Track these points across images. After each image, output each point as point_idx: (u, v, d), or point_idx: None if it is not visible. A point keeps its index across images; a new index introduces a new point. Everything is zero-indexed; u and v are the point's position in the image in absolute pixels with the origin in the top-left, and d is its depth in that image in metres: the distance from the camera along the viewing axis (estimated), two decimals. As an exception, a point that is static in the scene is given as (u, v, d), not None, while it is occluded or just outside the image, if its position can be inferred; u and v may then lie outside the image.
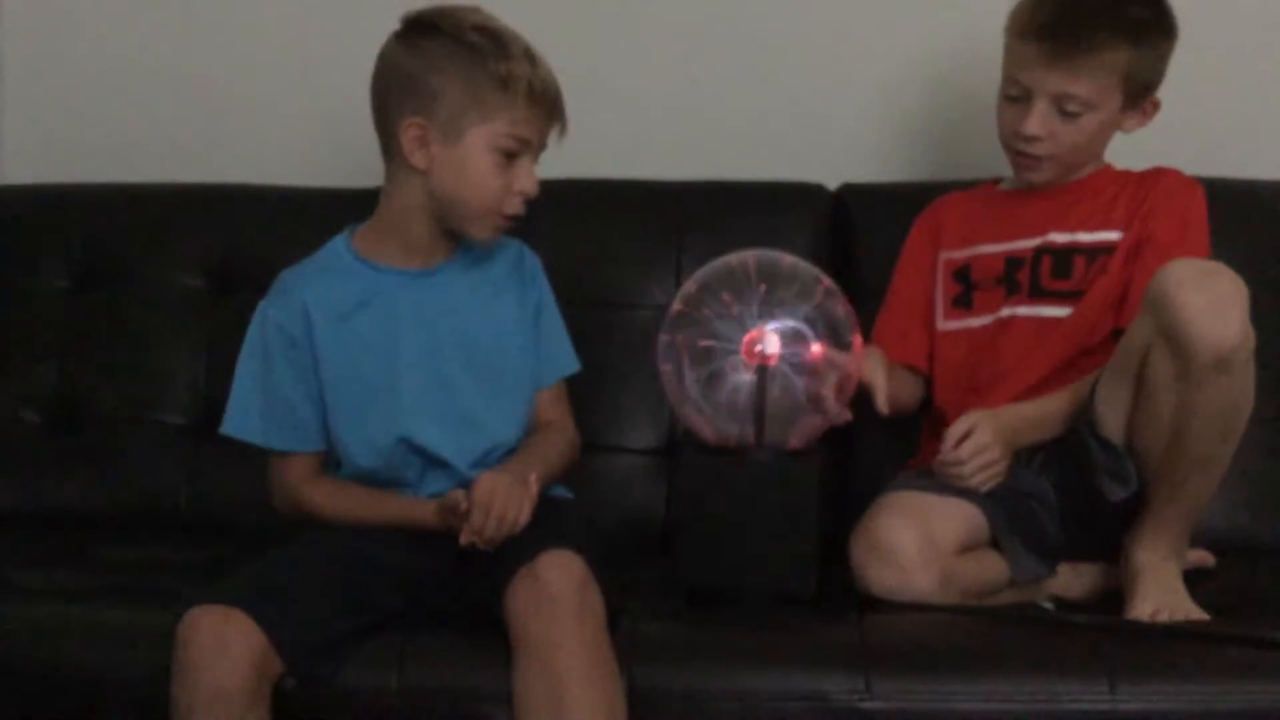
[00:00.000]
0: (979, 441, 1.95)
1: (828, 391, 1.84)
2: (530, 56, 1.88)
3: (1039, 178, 2.11)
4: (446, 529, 1.80)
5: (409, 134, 1.86)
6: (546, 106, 1.89)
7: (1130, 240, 2.06)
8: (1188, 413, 1.81)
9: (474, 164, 1.87)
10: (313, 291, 1.89)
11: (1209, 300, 1.76)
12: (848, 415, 1.89)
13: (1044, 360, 2.04)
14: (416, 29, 1.90)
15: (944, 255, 2.16)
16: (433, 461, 1.89)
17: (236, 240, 2.36)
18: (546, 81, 1.89)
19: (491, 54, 1.85)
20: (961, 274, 2.14)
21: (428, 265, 1.92)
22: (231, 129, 2.55)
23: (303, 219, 2.34)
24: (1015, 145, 2.09)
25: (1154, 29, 2.06)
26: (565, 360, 2.02)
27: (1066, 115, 2.04)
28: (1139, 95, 2.07)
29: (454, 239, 1.93)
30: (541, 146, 1.91)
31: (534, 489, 1.78)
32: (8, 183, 2.54)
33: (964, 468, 1.94)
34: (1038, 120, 2.04)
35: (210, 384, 2.30)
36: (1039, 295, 2.08)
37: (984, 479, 1.95)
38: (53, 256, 2.37)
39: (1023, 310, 2.08)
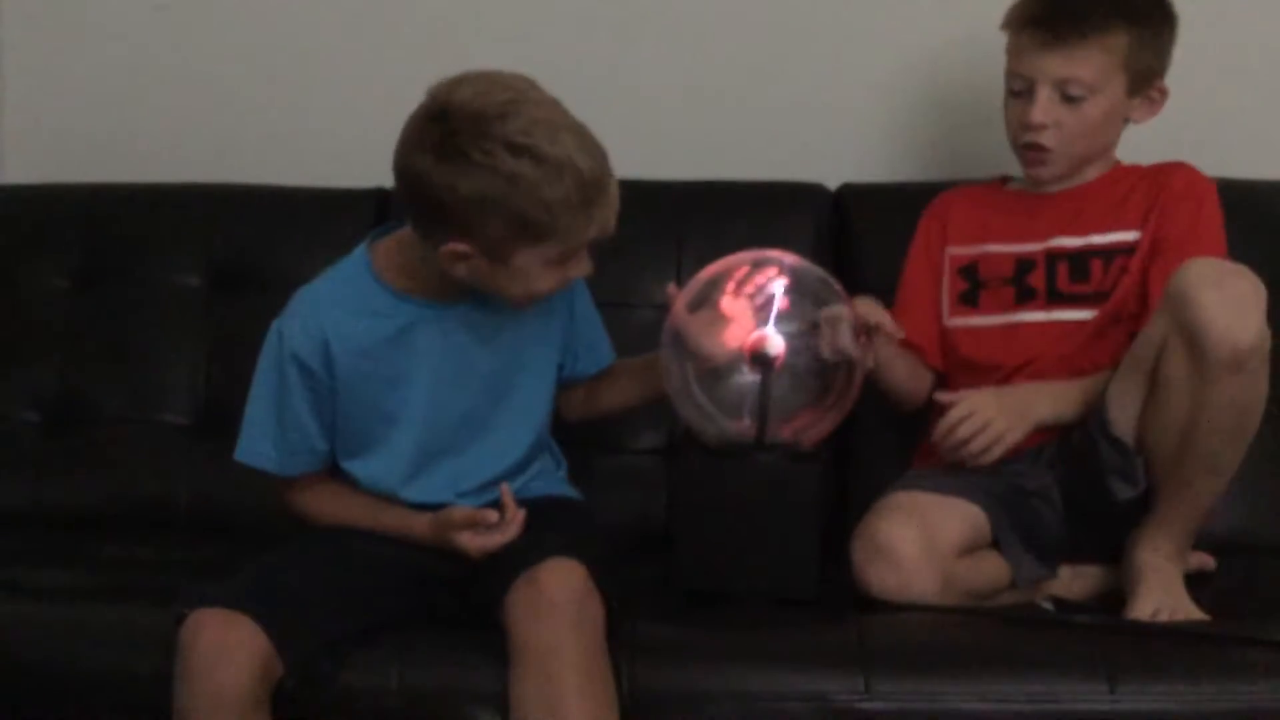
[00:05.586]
0: (982, 418, 1.95)
1: (846, 343, 1.84)
2: (573, 164, 1.70)
3: (1048, 173, 2.11)
4: (439, 543, 1.80)
5: (449, 250, 1.74)
6: (599, 204, 1.73)
7: (1146, 238, 2.05)
8: (1200, 412, 1.81)
9: (524, 276, 1.76)
10: (333, 323, 1.82)
11: (1228, 299, 1.77)
12: (870, 362, 1.89)
13: (1063, 364, 2.04)
14: (448, 151, 1.70)
15: (950, 250, 2.16)
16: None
17: (236, 240, 2.36)
18: (596, 181, 1.72)
19: (534, 184, 1.69)
20: (968, 271, 2.14)
21: (451, 298, 1.84)
22: (232, 129, 2.55)
23: (303, 219, 2.35)
24: (1023, 138, 2.08)
25: (1149, 11, 2.07)
26: (604, 352, 2.01)
27: (1070, 101, 2.04)
28: (1143, 81, 2.07)
29: None
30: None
31: (507, 498, 1.78)
32: (8, 183, 2.54)
33: (970, 446, 1.95)
34: (1042, 108, 2.04)
35: (211, 384, 2.30)
36: (1057, 300, 2.07)
37: (995, 454, 1.95)
38: (53, 256, 2.37)
39: (1039, 316, 2.07)
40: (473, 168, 1.69)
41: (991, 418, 1.96)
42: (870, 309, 1.93)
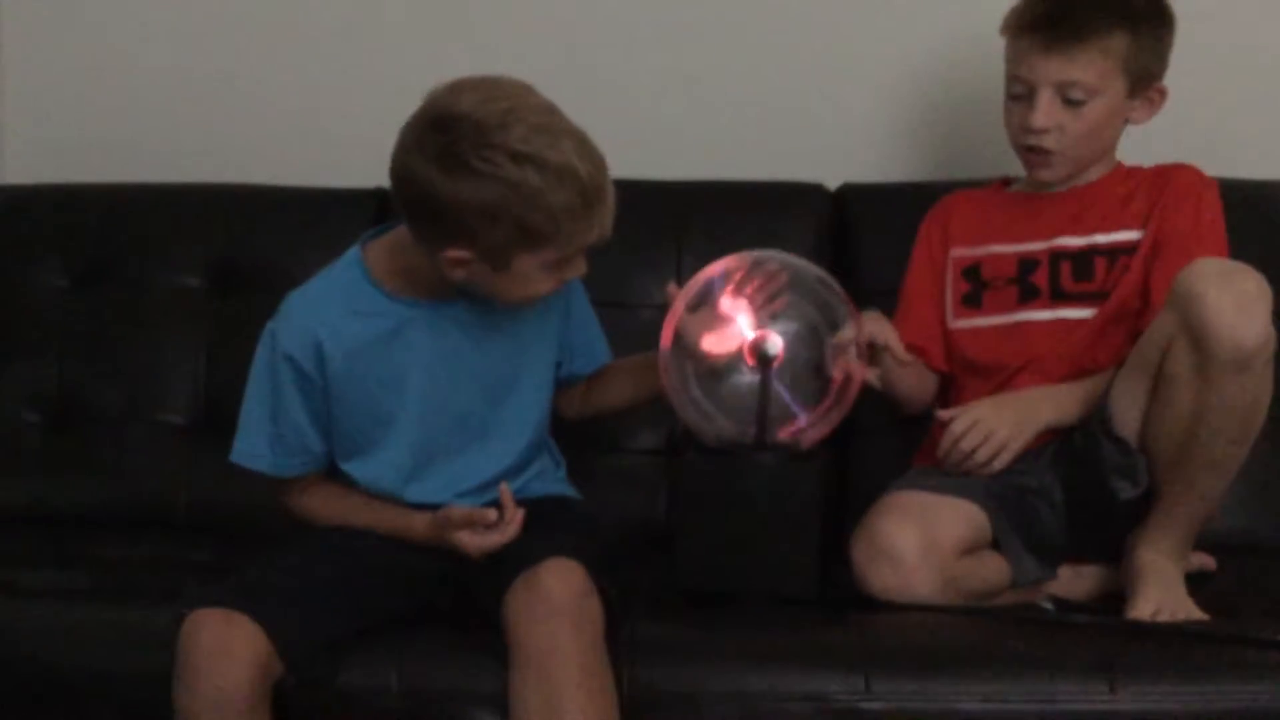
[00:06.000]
0: (985, 429, 1.97)
1: (852, 365, 1.86)
2: (575, 171, 1.69)
3: (1051, 175, 2.10)
4: (438, 542, 1.80)
5: (449, 257, 1.74)
6: (599, 209, 1.73)
7: (1148, 238, 2.05)
8: (1204, 411, 1.81)
9: (523, 280, 1.76)
10: (326, 325, 1.82)
11: (1234, 298, 1.77)
12: (873, 374, 1.90)
13: (1066, 362, 2.04)
14: (450, 160, 1.69)
15: (953, 253, 2.16)
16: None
17: (236, 240, 2.36)
18: (596, 188, 1.72)
19: (537, 192, 1.68)
20: (971, 272, 2.14)
21: (446, 298, 1.84)
22: (231, 129, 2.55)
23: (303, 219, 2.35)
24: (1025, 141, 2.08)
25: (1148, 14, 2.07)
26: (601, 351, 2.01)
27: (1071, 104, 2.04)
28: (1142, 83, 2.07)
29: None
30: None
31: (506, 497, 1.78)
32: (8, 183, 2.54)
33: (976, 458, 1.96)
34: (1043, 112, 2.04)
35: (210, 384, 2.30)
36: (1060, 298, 2.07)
37: (1002, 463, 1.97)
38: (53, 256, 2.37)
39: (1043, 315, 2.07)
40: (476, 177, 1.69)
41: (994, 428, 1.97)
42: (879, 328, 1.93)
